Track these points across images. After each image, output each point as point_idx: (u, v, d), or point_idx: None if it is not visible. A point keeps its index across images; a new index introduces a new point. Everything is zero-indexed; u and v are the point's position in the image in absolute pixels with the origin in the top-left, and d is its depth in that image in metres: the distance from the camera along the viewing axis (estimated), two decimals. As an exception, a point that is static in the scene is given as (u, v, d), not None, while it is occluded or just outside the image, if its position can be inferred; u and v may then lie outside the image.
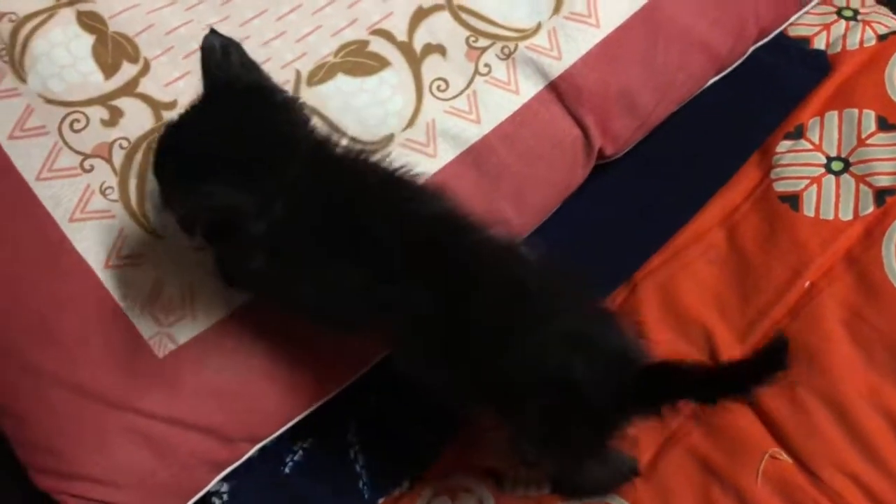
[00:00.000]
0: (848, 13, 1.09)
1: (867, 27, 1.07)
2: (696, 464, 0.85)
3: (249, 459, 0.88)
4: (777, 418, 0.84)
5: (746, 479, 0.82)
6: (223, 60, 0.69)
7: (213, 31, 0.70)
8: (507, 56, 0.92)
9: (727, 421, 0.86)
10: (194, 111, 0.69)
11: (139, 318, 0.81)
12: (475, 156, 0.90)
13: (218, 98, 0.69)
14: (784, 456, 0.82)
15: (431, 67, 0.91)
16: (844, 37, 1.06)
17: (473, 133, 0.90)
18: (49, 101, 0.87)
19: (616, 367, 0.69)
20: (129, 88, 0.87)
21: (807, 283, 0.90)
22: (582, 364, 0.67)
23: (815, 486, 0.80)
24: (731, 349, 0.90)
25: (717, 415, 0.86)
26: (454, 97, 0.91)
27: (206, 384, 0.81)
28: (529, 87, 0.92)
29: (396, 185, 0.73)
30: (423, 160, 0.88)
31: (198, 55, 0.70)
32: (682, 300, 0.93)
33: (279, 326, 0.82)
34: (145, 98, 0.87)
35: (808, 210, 0.94)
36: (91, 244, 0.82)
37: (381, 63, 0.91)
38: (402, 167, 0.74)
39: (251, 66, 0.71)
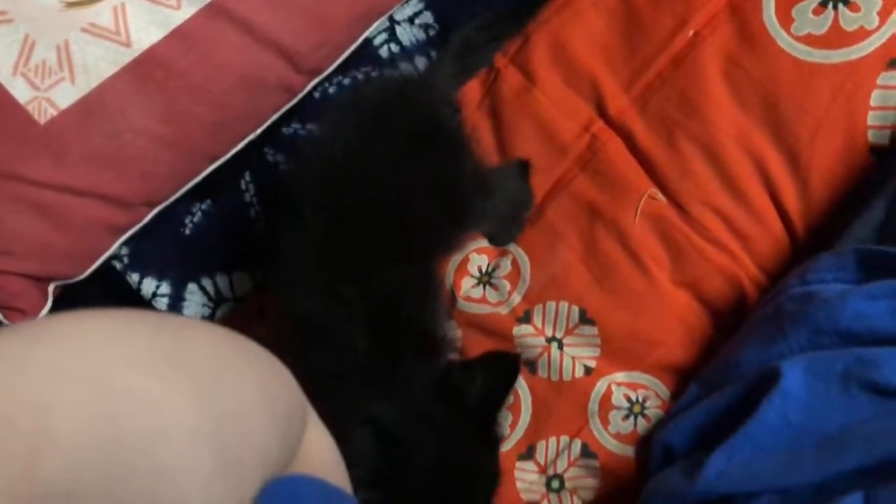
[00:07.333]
0: None
1: None
2: (580, 206, 0.91)
3: (149, 223, 0.88)
4: (655, 161, 0.90)
5: (626, 218, 0.89)
6: None
7: None
8: None
9: (610, 166, 0.91)
10: None
11: (11, 82, 0.76)
12: None
13: None
14: (660, 196, 0.89)
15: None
16: None
17: None
18: None
19: None
20: None
21: (691, 33, 0.93)
22: None
23: (686, 221, 0.87)
24: (618, 99, 0.93)
25: (601, 161, 0.92)
26: None
27: (95, 150, 0.78)
28: None
29: None
30: None
31: None
32: (572, 51, 0.95)
33: (168, 84, 0.79)
34: None
35: (698, -42, 0.95)
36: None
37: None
38: None
39: None
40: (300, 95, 0.89)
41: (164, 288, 0.92)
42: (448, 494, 0.70)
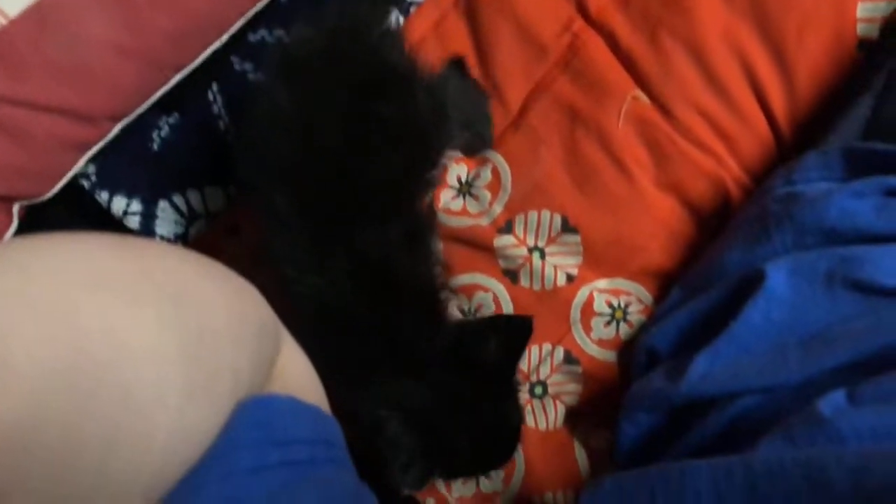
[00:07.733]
0: None
1: None
2: (562, 110, 0.88)
3: (115, 139, 0.85)
4: (637, 61, 0.87)
5: (609, 121, 0.86)
6: None
7: None
8: None
9: (592, 67, 0.88)
10: None
11: (-46, -12, 0.71)
12: None
13: None
14: (644, 98, 0.87)
15: None
16: None
17: None
18: None
19: None
20: None
21: (674, -78, 0.89)
22: None
23: (669, 122, 0.85)
24: (598, -4, 0.90)
25: (582, 62, 0.89)
26: None
27: (52, 61, 0.74)
28: None
29: None
30: None
31: None
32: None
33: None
34: None
35: None
36: None
37: None
38: None
39: None
40: (266, -1, 0.85)
41: (135, 206, 0.90)
42: (487, 458, 0.75)
